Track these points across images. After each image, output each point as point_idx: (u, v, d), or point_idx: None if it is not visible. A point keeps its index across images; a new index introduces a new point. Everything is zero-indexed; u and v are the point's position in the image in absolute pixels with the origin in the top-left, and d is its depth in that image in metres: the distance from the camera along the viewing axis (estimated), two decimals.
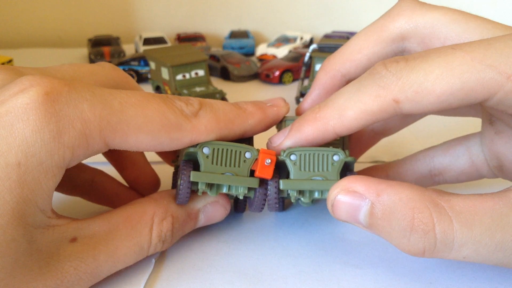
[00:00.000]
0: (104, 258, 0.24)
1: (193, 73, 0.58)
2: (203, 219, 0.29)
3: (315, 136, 0.26)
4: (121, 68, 0.35)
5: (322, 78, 0.32)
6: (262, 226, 0.32)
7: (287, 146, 0.27)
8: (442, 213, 0.22)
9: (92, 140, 0.22)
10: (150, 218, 0.26)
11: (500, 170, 0.30)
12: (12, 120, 0.20)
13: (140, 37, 0.88)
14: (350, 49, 0.30)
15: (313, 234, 0.31)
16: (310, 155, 0.27)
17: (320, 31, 0.99)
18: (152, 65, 0.62)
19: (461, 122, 0.44)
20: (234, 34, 0.97)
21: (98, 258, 0.23)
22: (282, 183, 0.26)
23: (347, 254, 0.29)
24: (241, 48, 0.90)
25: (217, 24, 1.08)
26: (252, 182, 0.27)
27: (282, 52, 0.83)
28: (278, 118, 0.30)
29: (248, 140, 0.30)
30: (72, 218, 0.24)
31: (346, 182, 0.24)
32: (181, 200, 0.27)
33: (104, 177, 0.32)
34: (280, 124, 0.30)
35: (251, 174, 0.27)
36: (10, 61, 0.66)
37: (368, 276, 0.27)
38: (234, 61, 0.74)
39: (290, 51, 0.82)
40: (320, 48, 0.63)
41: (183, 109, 0.26)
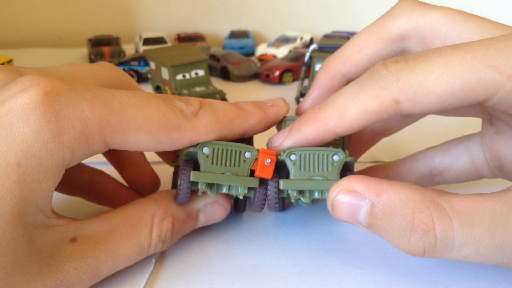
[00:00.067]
0: (104, 258, 0.24)
1: (193, 73, 0.58)
2: (203, 219, 0.29)
3: (315, 136, 0.26)
4: (121, 68, 0.35)
5: (322, 78, 0.32)
6: (262, 226, 0.32)
7: (287, 146, 0.27)
8: (442, 213, 0.22)
9: (92, 140, 0.22)
10: (150, 218, 0.26)
11: (500, 170, 0.30)
12: (12, 120, 0.20)
13: (140, 37, 0.88)
14: (350, 49, 0.30)
15: (313, 234, 0.31)
16: (310, 155, 0.27)
17: (320, 31, 0.99)
18: (152, 65, 0.62)
19: (461, 122, 0.44)
20: (234, 34, 0.97)
21: (98, 258, 0.23)
22: (282, 183, 0.26)
23: (347, 254, 0.29)
24: (241, 48, 0.90)
25: (217, 24, 1.08)
26: (252, 182, 0.27)
27: (282, 52, 0.83)
28: (278, 118, 0.30)
29: (248, 140, 0.30)
30: (72, 218, 0.24)
31: (346, 182, 0.24)
32: (181, 200, 0.27)
33: (104, 177, 0.32)
34: (280, 124, 0.30)
35: (251, 174, 0.27)
36: (10, 61, 0.66)
37: (368, 276, 0.27)
38: (234, 61, 0.74)
39: (290, 51, 0.82)
40: (320, 48, 0.63)
41: (183, 109, 0.25)
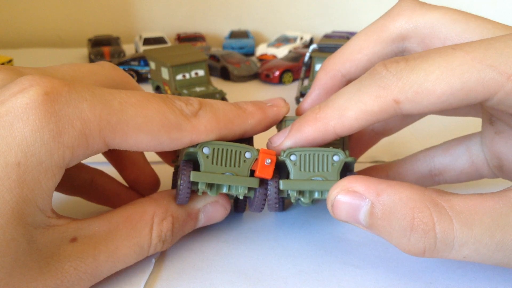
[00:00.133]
0: (104, 258, 0.24)
1: (193, 73, 0.58)
2: (203, 219, 0.29)
3: (315, 136, 0.26)
4: (121, 68, 0.35)
5: (322, 78, 0.32)
6: (262, 226, 0.32)
7: (287, 146, 0.27)
8: (442, 212, 0.22)
9: (92, 140, 0.22)
10: (150, 218, 0.26)
11: (500, 170, 0.30)
12: (12, 119, 0.20)
13: (140, 37, 0.88)
14: (350, 49, 0.30)
15: (313, 234, 0.31)
16: (310, 156, 0.27)
17: (320, 31, 0.99)
18: (152, 65, 0.62)
19: (461, 122, 0.44)
20: (234, 34, 0.97)
21: (98, 258, 0.23)
22: (282, 184, 0.26)
23: (347, 254, 0.29)
24: (241, 48, 0.90)
25: (217, 24, 1.08)
26: (252, 182, 0.27)
27: (282, 52, 0.83)
28: (278, 118, 0.30)
29: (248, 140, 0.30)
30: (72, 218, 0.24)
31: (346, 182, 0.24)
32: (181, 200, 0.27)
33: (104, 177, 0.32)
34: (280, 124, 0.30)
35: (251, 174, 0.27)
36: (10, 61, 0.66)
37: (368, 276, 0.27)
38: (234, 61, 0.74)
39: (290, 51, 0.82)
40: (320, 48, 0.63)
41: (183, 109, 0.25)
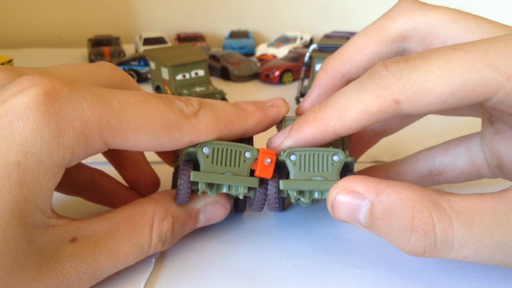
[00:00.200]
0: (104, 258, 0.24)
1: (193, 73, 0.58)
2: (204, 219, 0.29)
3: (315, 136, 0.26)
4: (121, 68, 0.35)
5: (322, 78, 0.32)
6: (262, 226, 0.32)
7: (287, 146, 0.27)
8: (442, 212, 0.22)
9: (92, 139, 0.22)
10: (150, 218, 0.26)
11: (500, 170, 0.30)
12: (11, 119, 0.20)
13: (140, 37, 0.88)
14: (350, 49, 0.30)
15: (313, 234, 0.31)
16: (310, 155, 0.27)
17: (320, 31, 0.99)
18: (152, 65, 0.62)
19: (461, 122, 0.44)
20: (234, 34, 0.97)
21: (99, 258, 0.23)
22: (282, 184, 0.26)
23: (347, 254, 0.29)
24: (241, 48, 0.90)
25: (217, 24, 1.08)
26: (252, 182, 0.27)
27: (282, 52, 0.83)
28: (278, 118, 0.30)
29: (248, 140, 0.30)
30: (72, 218, 0.24)
31: (346, 182, 0.24)
32: (181, 200, 0.27)
33: (104, 177, 0.32)
34: (280, 124, 0.30)
35: (251, 174, 0.27)
36: (10, 61, 0.66)
37: (368, 276, 0.27)
38: (234, 61, 0.74)
39: (290, 51, 0.82)
40: (320, 48, 0.63)
41: (183, 109, 0.25)
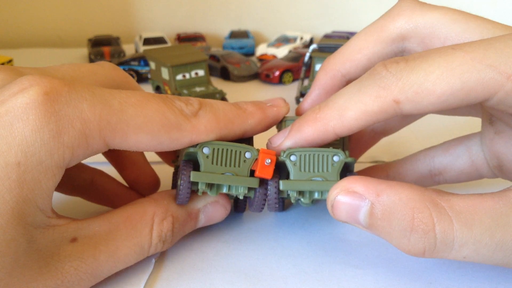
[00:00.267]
0: (104, 258, 0.24)
1: (193, 73, 0.58)
2: (204, 219, 0.29)
3: (315, 136, 0.26)
4: (121, 68, 0.35)
5: (322, 78, 0.32)
6: (262, 226, 0.32)
7: (287, 147, 0.27)
8: (442, 213, 0.22)
9: (92, 140, 0.22)
10: (150, 218, 0.26)
11: (500, 170, 0.30)
12: (11, 119, 0.20)
13: (140, 37, 0.88)
14: (350, 49, 0.30)
15: (313, 234, 0.31)
16: (310, 156, 0.27)
17: (320, 31, 0.99)
18: (152, 65, 0.62)
19: (461, 122, 0.44)
20: (234, 34, 0.97)
21: (99, 258, 0.23)
22: (282, 184, 0.26)
23: (347, 254, 0.29)
24: (241, 48, 0.90)
25: (217, 24, 1.08)
26: (252, 182, 0.27)
27: (282, 52, 0.83)
28: (278, 118, 0.30)
29: (248, 140, 0.30)
30: (72, 218, 0.24)
31: (346, 183, 0.24)
32: (181, 200, 0.27)
33: (104, 177, 0.32)
34: (280, 124, 0.30)
35: (251, 174, 0.27)
36: (10, 61, 0.66)
37: (368, 276, 0.27)
38: (234, 61, 0.74)
39: (290, 51, 0.82)
40: (320, 48, 0.63)
41: (183, 109, 0.25)
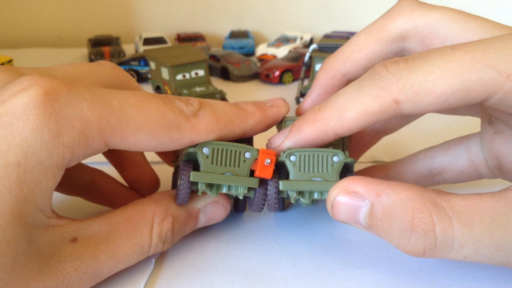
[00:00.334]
0: (104, 258, 0.24)
1: (193, 73, 0.58)
2: (204, 219, 0.29)
3: (315, 136, 0.26)
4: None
5: (322, 78, 0.32)
6: (262, 226, 0.32)
7: (287, 147, 0.27)
8: (442, 213, 0.22)
9: (91, 139, 0.22)
10: (150, 218, 0.26)
11: (499, 170, 0.30)
12: (11, 119, 0.20)
13: (140, 37, 0.88)
14: (350, 49, 0.30)
15: (313, 234, 0.31)
16: (310, 156, 0.27)
17: (320, 31, 0.99)
18: (152, 65, 0.62)
19: (461, 122, 0.44)
20: (234, 34, 0.97)
21: (99, 259, 0.23)
22: (282, 184, 0.26)
23: (347, 254, 0.29)
24: (241, 48, 0.90)
25: (217, 24, 1.08)
26: (252, 182, 0.27)
27: (282, 52, 0.83)
28: (278, 118, 0.30)
29: (247, 140, 0.30)
30: (72, 219, 0.24)
31: (346, 183, 0.24)
32: (181, 200, 0.27)
33: (104, 177, 0.32)
34: (280, 124, 0.30)
35: (251, 174, 0.27)
36: (10, 61, 0.66)
37: (368, 276, 0.27)
38: (234, 61, 0.74)
39: (290, 51, 0.82)
40: (320, 48, 0.63)
41: (183, 109, 0.25)
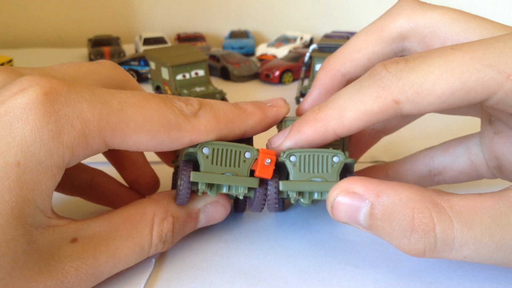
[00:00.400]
0: (105, 258, 0.24)
1: (193, 73, 0.58)
2: (204, 219, 0.29)
3: (315, 137, 0.26)
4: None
5: (322, 78, 0.32)
6: (262, 226, 0.32)
7: (287, 147, 0.27)
8: (442, 213, 0.22)
9: (91, 139, 0.22)
10: (150, 219, 0.26)
11: (499, 170, 0.30)
12: (11, 119, 0.20)
13: (140, 37, 0.88)
14: (350, 48, 0.30)
15: (313, 234, 0.31)
16: (310, 156, 0.27)
17: (320, 31, 0.99)
18: (152, 65, 0.62)
19: (461, 122, 0.44)
20: (234, 34, 0.97)
21: (99, 259, 0.23)
22: (282, 184, 0.26)
23: (347, 254, 0.29)
24: (241, 48, 0.90)
25: (217, 24, 1.08)
26: (252, 182, 0.27)
27: (282, 52, 0.83)
28: (278, 119, 0.30)
29: (247, 140, 0.30)
30: (72, 219, 0.24)
31: (346, 183, 0.24)
32: (181, 200, 0.27)
33: (104, 177, 0.32)
34: (280, 124, 0.30)
35: (251, 174, 0.27)
36: (10, 61, 0.66)
37: (368, 276, 0.27)
38: (234, 61, 0.74)
39: (290, 51, 0.82)
40: (320, 48, 0.63)
41: (183, 109, 0.25)
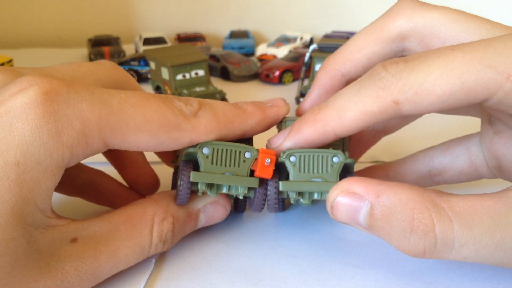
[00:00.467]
0: (105, 258, 0.24)
1: (193, 73, 0.58)
2: (204, 219, 0.29)
3: (315, 137, 0.26)
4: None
5: (322, 78, 0.32)
6: (262, 226, 0.32)
7: (287, 147, 0.27)
8: (441, 213, 0.22)
9: (91, 139, 0.22)
10: (150, 219, 0.26)
11: (499, 170, 0.30)
12: (11, 119, 0.20)
13: (140, 37, 0.88)
14: (350, 48, 0.30)
15: (313, 234, 0.31)
16: (309, 157, 0.27)
17: (320, 31, 0.99)
18: (152, 65, 0.62)
19: (461, 122, 0.44)
20: (234, 34, 0.97)
21: (99, 259, 0.23)
22: (282, 185, 0.26)
23: (347, 254, 0.29)
24: (241, 48, 0.90)
25: (217, 24, 1.08)
26: (252, 182, 0.27)
27: (282, 52, 0.83)
28: (278, 119, 0.30)
29: (247, 140, 0.30)
30: (72, 219, 0.24)
31: (346, 184, 0.24)
32: (181, 200, 0.27)
33: (104, 177, 0.32)
34: (280, 124, 0.30)
35: (251, 174, 0.27)
36: (10, 61, 0.66)
37: (368, 276, 0.27)
38: (234, 61, 0.74)
39: (290, 51, 0.82)
40: (320, 48, 0.63)
41: (183, 109, 0.25)
